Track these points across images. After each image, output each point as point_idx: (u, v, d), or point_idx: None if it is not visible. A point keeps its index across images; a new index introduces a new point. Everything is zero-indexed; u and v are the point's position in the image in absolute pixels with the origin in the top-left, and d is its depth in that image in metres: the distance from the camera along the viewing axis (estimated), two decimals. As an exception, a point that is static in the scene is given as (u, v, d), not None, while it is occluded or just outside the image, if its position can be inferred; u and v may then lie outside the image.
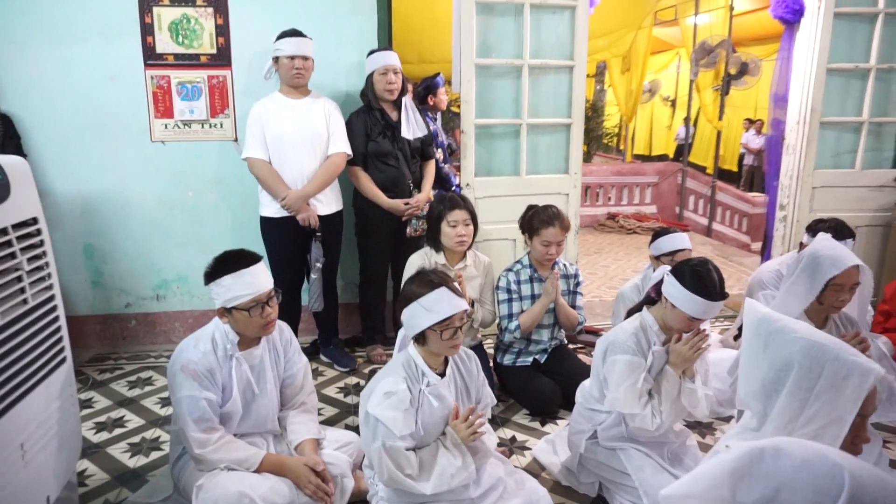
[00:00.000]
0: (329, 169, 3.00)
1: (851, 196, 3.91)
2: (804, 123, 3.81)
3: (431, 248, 2.88)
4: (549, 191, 3.61)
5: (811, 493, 0.84)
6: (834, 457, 0.86)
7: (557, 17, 3.47)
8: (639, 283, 3.02)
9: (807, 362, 1.27)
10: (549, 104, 3.58)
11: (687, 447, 2.25)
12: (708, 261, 2.04)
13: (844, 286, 2.18)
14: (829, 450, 0.88)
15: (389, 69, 3.08)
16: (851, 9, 3.67)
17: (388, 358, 3.35)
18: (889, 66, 3.78)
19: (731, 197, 7.47)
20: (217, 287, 1.99)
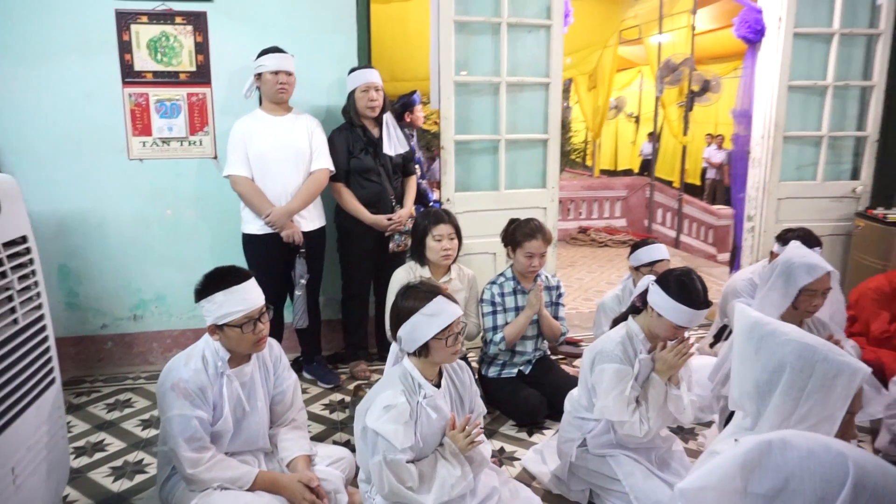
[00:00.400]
0: (312, 185, 3.01)
1: (814, 207, 4.08)
2: (769, 138, 3.97)
3: (416, 262, 2.91)
4: (527, 205, 3.68)
5: (818, 482, 0.88)
6: (837, 446, 0.91)
7: (533, 35, 3.57)
8: (619, 294, 3.09)
9: (799, 363, 1.34)
10: (525, 120, 3.66)
11: (673, 452, 2.30)
12: (691, 270, 2.11)
13: (817, 291, 2.28)
14: (832, 440, 0.93)
15: (371, 86, 3.11)
16: (809, 29, 3.85)
17: (372, 374, 3.36)
18: (845, 84, 3.98)
19: (697, 210, 7.69)
20: (208, 304, 1.97)
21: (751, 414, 1.46)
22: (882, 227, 3.70)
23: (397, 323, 1.91)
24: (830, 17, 3.87)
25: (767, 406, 1.40)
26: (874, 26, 3.92)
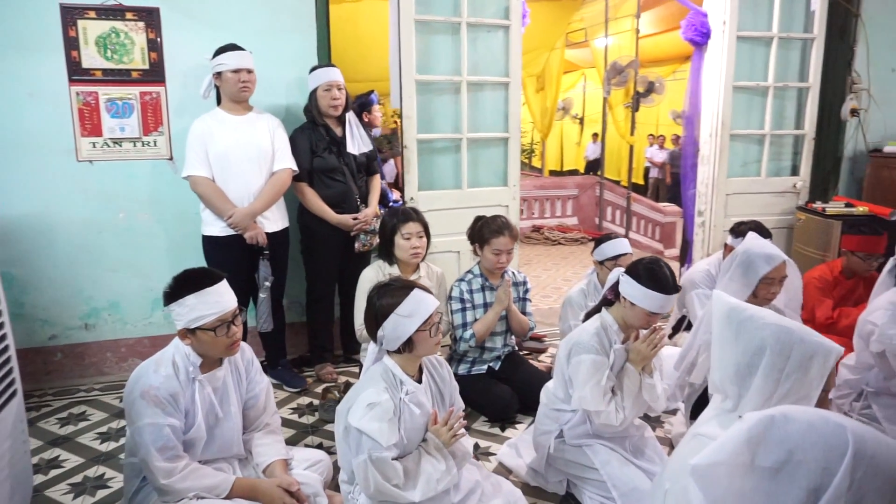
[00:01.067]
0: (276, 185, 2.95)
1: (759, 201, 4.27)
2: (716, 136, 4.14)
3: (384, 261, 2.89)
4: (489, 203, 3.71)
5: (821, 452, 0.93)
6: (835, 419, 0.96)
7: (492, 35, 3.61)
8: (584, 288, 3.15)
9: (777, 346, 1.39)
10: (486, 119, 3.70)
11: (646, 439, 2.37)
12: (659, 258, 2.19)
13: (775, 280, 2.39)
14: (830, 413, 0.98)
15: (333, 85, 3.08)
16: (751, 33, 4.04)
17: (339, 376, 3.32)
18: (784, 85, 4.19)
19: (644, 207, 7.93)
20: (179, 307, 1.91)
21: (732, 396, 1.51)
22: (821, 220, 3.91)
23: (377, 323, 1.89)
24: (770, 21, 4.07)
25: (748, 388, 1.45)
26: (808, 31, 4.15)
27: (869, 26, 4.25)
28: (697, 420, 1.70)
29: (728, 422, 1.48)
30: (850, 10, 4.21)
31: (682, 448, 1.61)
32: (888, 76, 4.39)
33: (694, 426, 1.67)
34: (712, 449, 0.99)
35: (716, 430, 1.51)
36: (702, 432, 1.54)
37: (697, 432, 1.57)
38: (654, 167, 11.98)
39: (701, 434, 1.53)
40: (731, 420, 1.47)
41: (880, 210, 3.83)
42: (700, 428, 1.58)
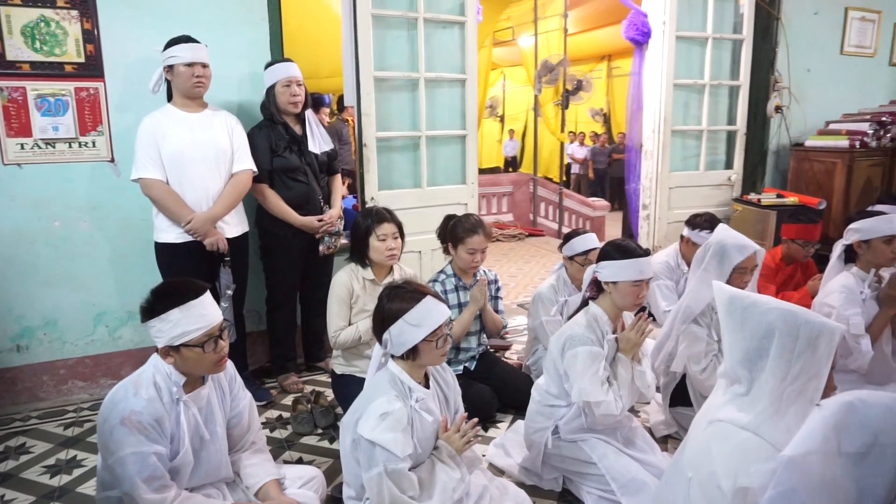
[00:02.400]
0: (236, 187, 2.77)
1: (698, 194, 4.48)
2: (659, 132, 4.30)
3: (357, 264, 2.78)
4: (449, 201, 3.67)
5: (902, 435, 0.96)
6: (906, 399, 0.99)
7: (448, 31, 3.56)
8: (554, 284, 3.17)
9: (785, 328, 1.42)
10: (444, 116, 3.65)
11: (635, 429, 2.41)
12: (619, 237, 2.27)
13: (747, 269, 2.50)
14: None
15: (293, 81, 2.93)
16: (688, 33, 4.23)
17: (304, 386, 3.18)
18: (718, 83, 4.42)
19: (575, 203, 8.15)
20: (161, 323, 1.75)
21: (744, 381, 1.54)
22: (757, 210, 4.15)
23: (383, 326, 1.81)
24: (705, 22, 4.27)
25: (760, 371, 1.48)
26: (738, 32, 4.39)
27: (788, 29, 4.55)
28: (707, 407, 1.73)
29: (746, 405, 1.52)
30: (772, 14, 4.50)
31: (700, 435, 1.62)
32: (805, 76, 4.72)
33: (707, 413, 1.68)
34: (802, 439, 1.01)
35: (736, 414, 1.53)
36: (722, 418, 1.56)
37: (716, 418, 1.59)
38: (575, 163, 12.37)
39: (721, 420, 1.56)
40: (748, 404, 1.51)
41: (809, 200, 4.11)
42: (718, 413, 1.60)
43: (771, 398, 1.42)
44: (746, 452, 1.44)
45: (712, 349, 2.52)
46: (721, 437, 1.52)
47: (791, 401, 1.42)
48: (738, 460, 1.44)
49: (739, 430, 1.49)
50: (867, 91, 5.06)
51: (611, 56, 12.42)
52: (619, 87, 12.76)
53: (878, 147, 4.32)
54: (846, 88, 4.93)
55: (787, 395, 1.41)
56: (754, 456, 1.43)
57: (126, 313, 3.10)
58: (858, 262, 2.73)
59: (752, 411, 1.48)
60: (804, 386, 1.41)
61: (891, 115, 4.37)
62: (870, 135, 4.27)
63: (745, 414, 1.49)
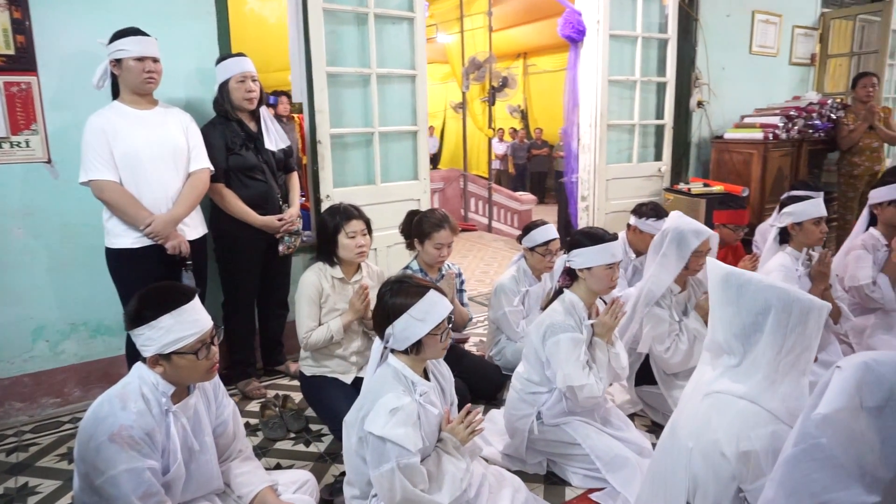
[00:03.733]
0: (196, 187, 2.65)
1: (633, 185, 4.72)
2: (596, 126, 4.49)
3: (325, 262, 2.73)
4: (402, 197, 3.68)
5: (913, 388, 1.08)
6: (915, 358, 1.12)
7: (398, 27, 3.56)
8: (516, 275, 3.25)
9: (780, 304, 1.56)
10: (395, 112, 3.64)
11: (609, 409, 2.53)
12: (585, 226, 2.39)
13: (703, 252, 2.68)
14: (906, 353, 1.15)
15: (247, 76, 2.83)
16: (620, 31, 4.44)
17: (266, 391, 3.09)
18: (648, 79, 4.67)
19: (504, 197, 8.34)
20: (151, 331, 1.66)
21: (737, 353, 1.66)
22: (688, 199, 4.43)
23: (388, 321, 1.80)
24: (634, 21, 4.50)
25: (755, 344, 1.61)
26: (664, 31, 4.66)
27: (705, 29, 4.89)
28: (697, 382, 1.84)
29: (740, 377, 1.64)
30: (691, 15, 4.81)
31: (697, 408, 1.72)
32: (721, 73, 5.08)
33: (699, 387, 1.80)
34: (830, 399, 1.11)
35: (732, 385, 1.65)
36: (718, 389, 1.67)
37: (713, 390, 1.70)
38: (496, 159, 12.63)
39: (718, 391, 1.67)
40: (743, 375, 1.63)
41: (733, 188, 4.44)
42: (714, 386, 1.71)
43: (767, 370, 1.55)
44: (746, 419, 1.56)
45: (674, 329, 2.68)
46: (720, 408, 1.63)
47: (785, 372, 1.55)
48: (738, 427, 1.56)
49: (737, 399, 1.60)
50: (772, 87, 5.52)
51: (527, 54, 12.76)
52: (535, 84, 13.15)
53: (787, 139, 4.72)
54: (755, 85, 5.35)
55: (782, 367, 1.54)
56: (753, 422, 1.55)
57: (68, 326, 2.88)
58: (792, 242, 2.98)
59: (748, 382, 1.59)
60: (797, 358, 1.55)
61: (797, 109, 4.79)
62: (780, 127, 4.66)
63: (742, 384, 1.61)
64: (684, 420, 1.76)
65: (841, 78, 6.06)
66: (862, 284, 3.18)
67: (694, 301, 2.79)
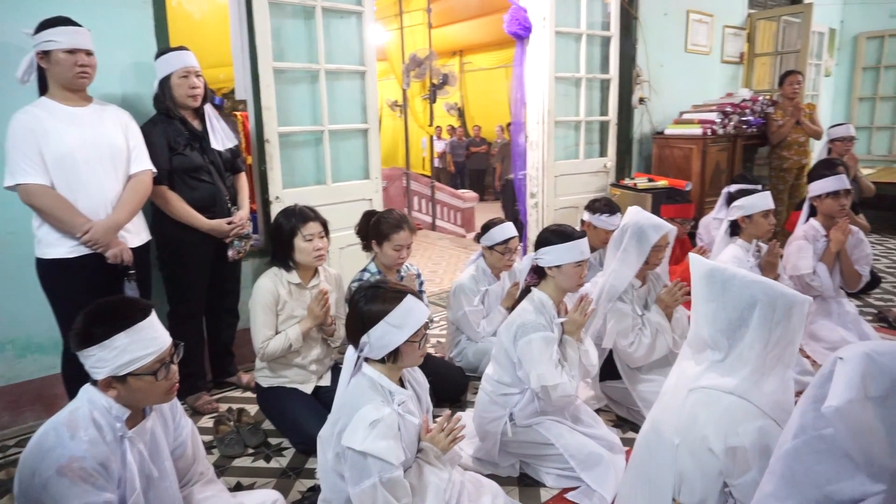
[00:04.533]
0: (138, 191, 2.45)
1: (580, 181, 4.77)
2: (543, 123, 4.50)
3: (280, 267, 2.60)
4: (354, 197, 3.57)
5: (912, 379, 1.10)
6: (912, 348, 1.14)
7: (346, 22, 3.44)
8: (475, 274, 3.21)
9: (766, 299, 1.57)
10: (344, 110, 3.52)
11: (578, 407, 2.52)
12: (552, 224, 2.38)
13: (662, 247, 2.71)
14: (900, 344, 1.16)
15: (191, 71, 2.66)
16: (566, 28, 4.47)
17: (218, 405, 2.92)
18: (593, 76, 4.72)
19: (446, 195, 8.30)
20: (104, 351, 1.52)
21: (721, 348, 1.68)
22: (634, 194, 4.51)
23: (362, 329, 1.71)
24: (579, 19, 4.54)
25: (740, 339, 1.62)
26: (607, 29, 4.73)
27: (644, 28, 5.00)
28: (680, 376, 1.84)
29: (727, 371, 1.65)
30: (631, 13, 4.90)
31: (682, 404, 1.70)
32: (659, 70, 5.21)
33: (682, 382, 1.79)
34: (840, 391, 1.11)
35: (719, 380, 1.66)
36: (705, 385, 1.67)
37: (699, 386, 1.70)
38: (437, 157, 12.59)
39: (705, 387, 1.67)
40: (729, 369, 1.64)
41: (677, 183, 4.55)
42: (699, 381, 1.70)
43: (756, 363, 1.56)
44: (734, 415, 1.56)
45: (637, 323, 2.70)
46: (707, 403, 1.63)
47: (772, 365, 1.56)
48: (727, 423, 1.56)
49: (725, 394, 1.60)
50: (706, 84, 5.72)
51: (463, 51, 12.77)
52: (471, 82, 13.19)
53: (724, 134, 4.89)
54: (691, 82, 5.53)
55: (769, 360, 1.56)
56: (741, 417, 1.55)
57: (-9, 345, 2.62)
58: (742, 234, 3.07)
59: (737, 376, 1.60)
60: (783, 351, 1.57)
61: (731, 105, 4.97)
62: (717, 123, 4.82)
63: (730, 379, 1.61)
64: (668, 416, 1.75)
65: (766, 75, 6.36)
66: (803, 273, 3.32)
67: (654, 295, 2.82)
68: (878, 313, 3.95)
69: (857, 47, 7.65)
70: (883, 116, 7.66)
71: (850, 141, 4.79)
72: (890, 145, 7.62)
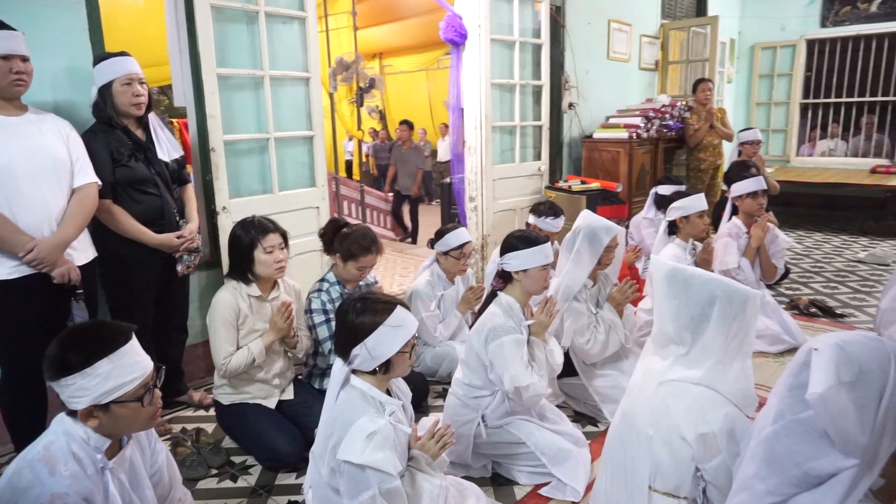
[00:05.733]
0: (84, 205, 2.31)
1: (517, 185, 4.91)
2: (481, 128, 4.60)
3: (239, 281, 2.53)
4: (301, 206, 3.51)
5: (877, 362, 1.25)
6: (872, 336, 1.29)
7: (289, 27, 3.37)
8: (430, 279, 3.24)
9: (724, 295, 1.72)
10: (289, 117, 3.46)
11: (543, 405, 2.61)
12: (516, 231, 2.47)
13: (612, 247, 2.86)
14: (865, 332, 1.31)
15: (134, 79, 2.52)
16: (500, 36, 4.59)
17: (171, 426, 2.80)
18: (526, 83, 4.88)
19: (375, 199, 8.28)
20: (85, 379, 1.45)
21: (685, 343, 1.80)
22: (569, 196, 4.70)
23: (354, 341, 1.71)
24: (512, 27, 4.68)
25: (702, 333, 1.75)
26: (538, 37, 4.90)
27: (571, 36, 5.22)
28: (647, 371, 1.96)
29: (692, 363, 1.78)
30: (559, 21, 5.11)
31: (653, 397, 1.82)
32: (585, 77, 5.46)
33: (650, 376, 1.91)
34: (819, 379, 1.24)
35: (686, 373, 1.79)
36: (673, 378, 1.80)
37: (668, 379, 1.82)
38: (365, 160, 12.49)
39: (673, 380, 1.79)
40: (694, 362, 1.77)
41: (609, 185, 4.78)
42: (667, 375, 1.83)
43: (719, 355, 1.69)
44: (702, 403, 1.69)
45: (592, 322, 2.84)
46: (677, 395, 1.75)
47: (733, 356, 1.70)
48: (696, 412, 1.69)
49: (693, 385, 1.73)
50: (627, 90, 6.04)
51: (383, 54, 12.75)
52: (392, 84, 13.17)
53: (648, 138, 5.19)
54: (614, 88, 5.82)
55: (731, 351, 1.70)
56: (709, 405, 1.69)
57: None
58: (679, 234, 3.29)
59: (702, 368, 1.73)
60: (741, 343, 1.71)
61: (653, 111, 5.28)
62: (641, 127, 5.11)
63: (696, 371, 1.74)
64: (640, 409, 1.86)
65: (677, 81, 6.79)
66: (730, 268, 3.58)
67: (605, 293, 2.97)
68: (790, 302, 4.33)
69: (753, 57, 8.31)
70: (777, 120, 8.37)
71: (758, 144, 5.21)
72: (784, 146, 8.33)
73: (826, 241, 6.47)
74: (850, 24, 7.58)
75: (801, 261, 5.58)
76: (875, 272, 5.15)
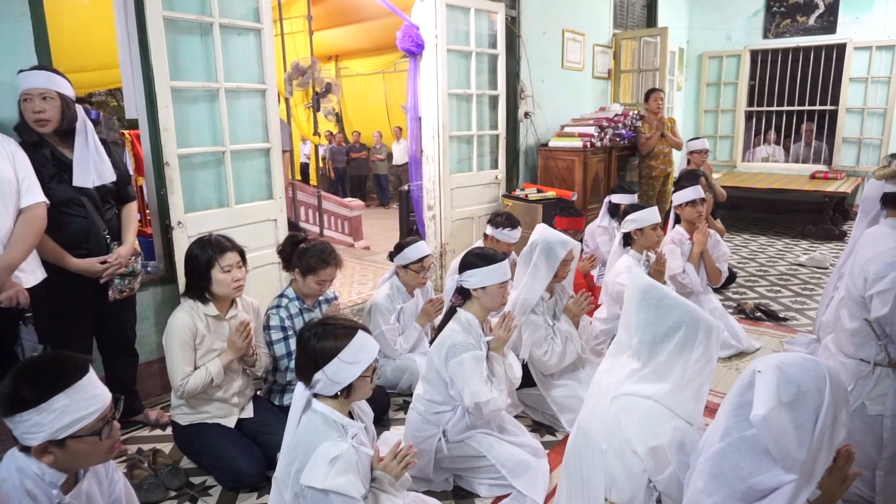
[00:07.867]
0: (32, 225, 2.23)
1: (474, 193, 4.97)
2: (438, 137, 4.64)
3: (196, 300, 2.49)
4: (259, 218, 3.48)
5: (812, 382, 1.33)
6: (808, 358, 1.38)
7: (244, 39, 3.34)
8: (389, 293, 3.25)
9: (691, 322, 1.78)
10: (245, 129, 3.42)
11: (503, 417, 2.66)
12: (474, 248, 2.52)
13: (569, 260, 2.93)
14: (803, 355, 1.40)
15: (33, 94, 2.37)
16: (456, 46, 4.63)
17: (126, 448, 2.74)
18: (483, 92, 4.93)
19: (333, 204, 8.22)
20: (41, 415, 1.42)
21: (643, 358, 1.86)
22: (525, 205, 4.78)
23: (315, 366, 1.72)
24: (468, 37, 4.72)
25: (661, 352, 1.80)
26: (494, 47, 4.96)
27: (526, 46, 5.30)
28: (603, 384, 2.02)
29: (648, 379, 1.84)
30: (514, 32, 5.18)
31: (607, 411, 1.89)
32: (541, 86, 5.56)
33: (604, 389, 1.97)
34: (762, 400, 1.31)
35: (639, 387, 1.85)
36: (629, 391, 1.85)
37: (623, 392, 1.87)
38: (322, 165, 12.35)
39: (626, 394, 1.86)
40: (649, 377, 1.83)
41: (564, 193, 4.89)
42: (622, 388, 1.89)
43: (675, 378, 1.75)
44: (651, 417, 1.76)
45: (549, 333, 2.90)
46: (628, 409, 1.82)
47: (690, 380, 1.76)
48: (646, 425, 1.76)
49: (643, 399, 1.80)
50: (581, 99, 6.17)
51: (338, 56, 12.64)
52: (348, 87, 13.08)
53: (601, 146, 5.32)
54: (568, 96, 5.94)
55: (689, 376, 1.76)
56: (658, 419, 1.75)
57: None
58: (634, 245, 3.40)
59: (655, 385, 1.80)
60: (701, 369, 1.76)
61: (606, 120, 5.42)
62: (595, 136, 5.23)
63: (649, 386, 1.81)
64: (596, 423, 1.92)
65: (628, 90, 6.98)
66: (675, 273, 3.71)
67: (561, 305, 3.04)
68: (737, 306, 4.51)
69: (701, 65, 8.60)
70: (724, 127, 8.69)
71: (705, 153, 5.41)
72: (731, 152, 8.66)
73: (770, 244, 6.76)
74: (791, 36, 7.94)
75: (747, 265, 5.82)
76: (814, 276, 5.41)
